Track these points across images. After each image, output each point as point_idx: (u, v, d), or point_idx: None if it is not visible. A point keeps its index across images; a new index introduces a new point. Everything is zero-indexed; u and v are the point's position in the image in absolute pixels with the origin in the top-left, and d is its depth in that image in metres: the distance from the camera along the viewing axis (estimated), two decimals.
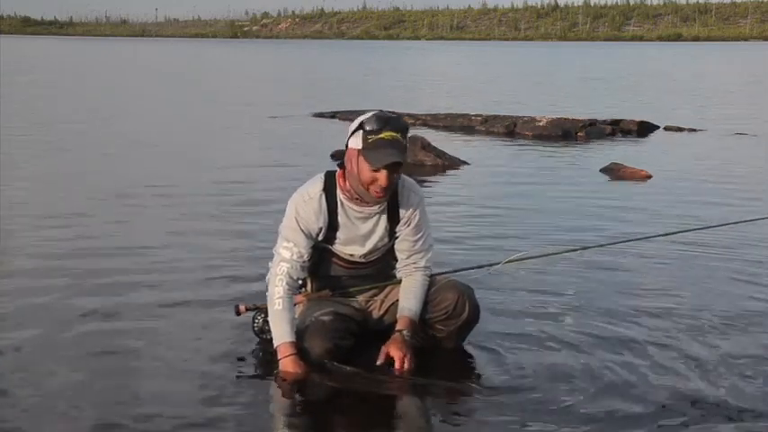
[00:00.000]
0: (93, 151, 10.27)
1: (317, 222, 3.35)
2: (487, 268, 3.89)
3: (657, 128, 13.16)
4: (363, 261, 3.48)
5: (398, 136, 3.21)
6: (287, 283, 3.33)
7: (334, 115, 14.63)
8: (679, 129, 13.04)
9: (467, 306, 3.47)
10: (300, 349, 3.26)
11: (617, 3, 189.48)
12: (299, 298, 3.48)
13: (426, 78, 30.55)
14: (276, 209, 3.78)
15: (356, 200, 3.36)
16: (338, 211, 3.36)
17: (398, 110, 13.51)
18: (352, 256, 3.45)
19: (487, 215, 6.49)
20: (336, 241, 3.41)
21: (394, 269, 3.55)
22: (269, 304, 3.34)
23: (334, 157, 8.66)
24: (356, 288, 3.53)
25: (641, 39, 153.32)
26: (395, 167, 3.22)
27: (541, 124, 12.57)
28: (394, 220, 3.43)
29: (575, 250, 4.42)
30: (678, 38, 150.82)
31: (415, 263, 3.49)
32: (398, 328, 3.37)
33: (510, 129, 12.74)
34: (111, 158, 9.66)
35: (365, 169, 3.22)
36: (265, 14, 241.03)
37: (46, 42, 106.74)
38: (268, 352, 3.39)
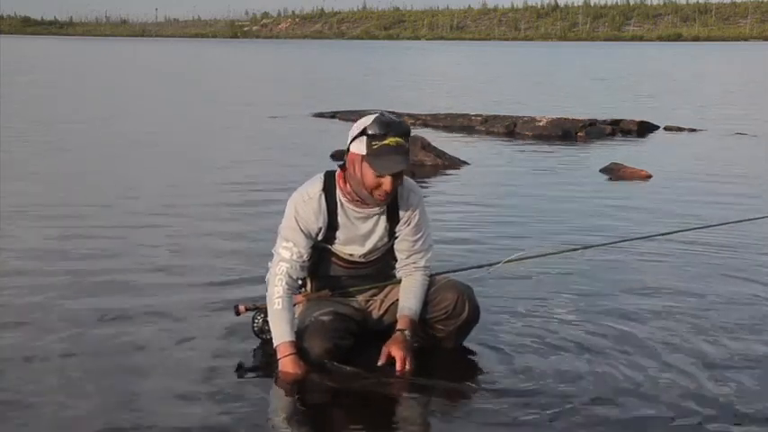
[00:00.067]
0: (94, 151, 10.28)
1: (316, 222, 3.34)
2: (487, 268, 3.88)
3: (657, 128, 13.17)
4: (363, 261, 3.47)
5: (402, 141, 3.21)
6: (286, 283, 3.32)
7: (334, 115, 14.63)
8: (679, 129, 13.04)
9: (467, 306, 3.47)
10: (300, 349, 3.25)
11: (617, 3, 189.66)
12: (298, 298, 3.48)
13: (426, 78, 30.54)
14: (276, 209, 3.77)
15: (356, 201, 3.36)
16: (338, 211, 3.36)
17: (398, 110, 13.54)
18: (351, 255, 3.45)
19: (487, 215, 6.49)
20: (336, 241, 3.41)
21: (394, 269, 3.55)
22: (268, 304, 3.34)
23: (335, 157, 8.66)
24: (356, 288, 3.53)
25: (641, 39, 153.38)
26: (399, 173, 3.23)
27: (541, 124, 12.56)
28: (394, 219, 3.43)
29: (575, 250, 4.43)
30: (678, 38, 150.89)
31: (415, 263, 3.49)
32: (399, 327, 3.37)
33: (510, 129, 12.74)
34: (111, 158, 9.66)
35: (369, 174, 3.22)
36: (265, 14, 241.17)
37: (46, 42, 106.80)
38: (268, 352, 3.39)
